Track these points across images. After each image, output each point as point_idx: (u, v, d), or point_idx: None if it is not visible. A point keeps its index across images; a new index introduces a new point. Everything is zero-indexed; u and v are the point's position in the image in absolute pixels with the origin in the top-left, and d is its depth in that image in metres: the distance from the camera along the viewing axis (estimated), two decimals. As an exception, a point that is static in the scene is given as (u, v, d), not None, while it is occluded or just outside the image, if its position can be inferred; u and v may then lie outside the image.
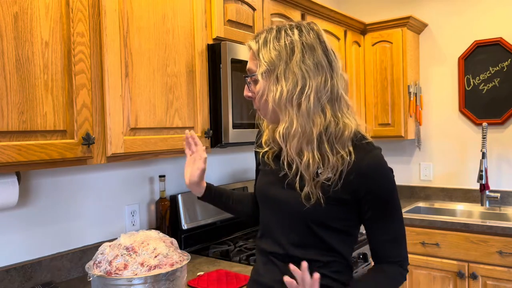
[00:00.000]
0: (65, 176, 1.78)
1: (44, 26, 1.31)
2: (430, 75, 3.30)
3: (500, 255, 2.46)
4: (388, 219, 1.15)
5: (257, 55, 1.14)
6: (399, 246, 1.17)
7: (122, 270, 1.25)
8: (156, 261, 1.28)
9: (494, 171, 3.05)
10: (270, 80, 1.12)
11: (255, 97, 1.18)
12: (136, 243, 1.32)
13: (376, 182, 1.12)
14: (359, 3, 3.56)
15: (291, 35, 1.12)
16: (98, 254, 1.33)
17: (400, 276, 1.17)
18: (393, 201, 1.16)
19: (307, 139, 1.10)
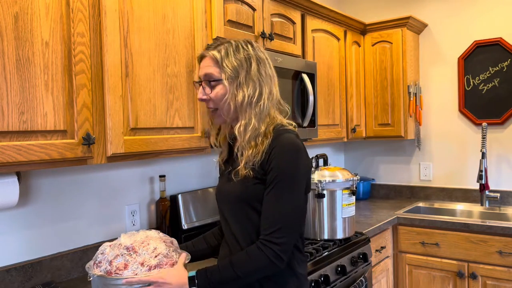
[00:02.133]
0: (65, 176, 1.78)
1: (45, 26, 1.31)
2: (430, 75, 3.30)
3: (500, 255, 2.47)
4: (273, 196, 1.26)
5: (220, 63, 1.32)
6: (271, 221, 1.24)
7: (122, 270, 1.25)
8: (156, 260, 1.27)
9: (494, 171, 3.06)
10: (233, 85, 1.32)
11: (209, 99, 1.36)
12: (136, 243, 1.32)
13: (275, 159, 1.27)
14: (359, 3, 3.56)
15: (247, 50, 1.34)
16: (98, 254, 1.32)
17: (257, 251, 1.23)
18: (286, 179, 1.26)
19: (257, 133, 1.31)
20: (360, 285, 2.17)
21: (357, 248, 2.22)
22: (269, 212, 1.25)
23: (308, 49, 2.57)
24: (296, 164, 1.27)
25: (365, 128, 3.24)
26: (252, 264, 1.23)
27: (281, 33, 2.33)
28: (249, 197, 1.31)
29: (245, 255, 1.24)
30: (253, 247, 1.25)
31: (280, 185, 1.25)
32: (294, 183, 1.26)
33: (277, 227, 1.23)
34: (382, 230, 2.64)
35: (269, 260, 1.22)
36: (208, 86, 1.35)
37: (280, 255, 1.22)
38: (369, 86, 3.22)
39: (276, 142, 1.29)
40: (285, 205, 1.25)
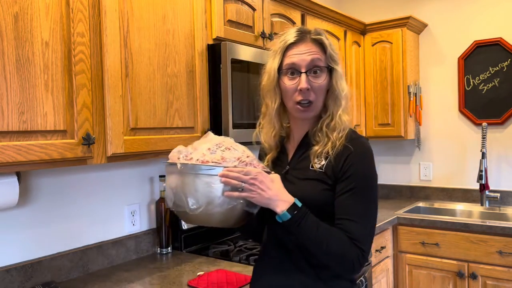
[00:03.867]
0: (65, 176, 1.78)
1: (44, 26, 1.31)
2: (430, 75, 3.30)
3: (500, 255, 2.47)
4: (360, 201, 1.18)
5: (328, 50, 1.23)
6: (359, 227, 1.17)
7: (220, 161, 1.17)
8: (249, 159, 1.20)
9: (494, 171, 3.05)
10: (337, 76, 1.24)
11: (311, 90, 1.23)
12: (226, 142, 1.24)
13: (353, 166, 1.19)
14: (359, 3, 3.56)
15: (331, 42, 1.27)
16: (182, 150, 1.23)
17: (349, 247, 1.14)
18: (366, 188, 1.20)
19: (341, 130, 1.24)
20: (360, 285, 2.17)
21: (357, 248, 2.22)
22: (357, 218, 1.16)
23: (308, 49, 2.57)
24: (373, 172, 1.22)
25: (365, 128, 3.24)
26: (343, 252, 1.14)
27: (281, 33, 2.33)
28: (317, 204, 1.20)
29: (344, 240, 1.15)
30: (348, 239, 1.15)
31: (363, 194, 1.18)
32: (375, 191, 1.21)
33: (365, 235, 1.18)
34: (382, 230, 2.63)
35: (352, 262, 1.15)
36: (311, 75, 1.22)
37: (360, 263, 1.16)
38: (369, 86, 3.22)
39: (352, 147, 1.20)
40: (370, 214, 1.19)
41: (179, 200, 1.19)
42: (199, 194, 1.16)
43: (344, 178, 1.19)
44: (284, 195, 1.17)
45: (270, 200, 1.15)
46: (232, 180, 1.14)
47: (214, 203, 1.16)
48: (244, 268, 1.81)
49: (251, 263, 1.88)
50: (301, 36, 1.24)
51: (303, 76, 1.21)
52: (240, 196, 1.15)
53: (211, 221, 1.21)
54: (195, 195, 1.17)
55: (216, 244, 2.20)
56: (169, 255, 2.04)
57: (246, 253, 2.01)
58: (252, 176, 1.14)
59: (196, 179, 1.16)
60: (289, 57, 1.24)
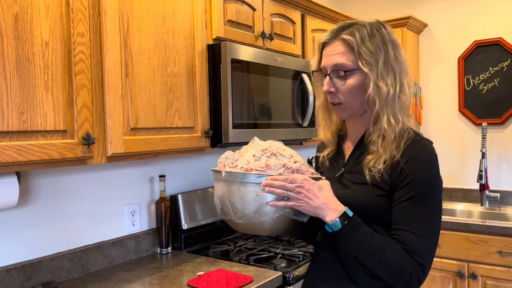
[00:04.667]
0: (65, 176, 1.78)
1: (44, 26, 1.31)
2: (430, 75, 3.30)
3: (500, 255, 2.47)
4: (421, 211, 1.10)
5: (357, 49, 1.14)
6: (419, 240, 1.09)
7: (264, 168, 1.14)
8: (296, 166, 1.17)
9: (494, 171, 3.05)
10: (374, 75, 1.13)
11: (336, 92, 1.18)
12: (272, 148, 1.21)
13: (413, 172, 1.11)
14: (359, 3, 3.56)
15: (381, 32, 1.17)
16: (229, 157, 1.22)
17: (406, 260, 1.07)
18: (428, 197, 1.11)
19: (402, 132, 1.14)
20: None
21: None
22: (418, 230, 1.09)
23: (308, 49, 2.57)
24: (437, 178, 1.13)
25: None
26: (399, 265, 1.08)
27: (281, 33, 2.33)
28: (371, 211, 1.14)
29: (399, 251, 1.08)
30: (405, 252, 1.08)
31: (424, 203, 1.10)
32: (438, 200, 1.12)
33: (426, 249, 1.09)
34: (382, 230, 2.63)
35: (409, 275, 1.08)
36: (337, 77, 1.17)
37: (419, 279, 1.09)
38: (369, 86, 3.21)
39: (413, 151, 1.12)
40: (433, 225, 1.11)
41: (226, 208, 1.18)
42: (244, 203, 1.14)
43: (403, 185, 1.10)
44: (334, 203, 1.11)
45: (319, 209, 1.10)
46: (277, 189, 1.10)
47: (260, 213, 1.14)
48: (244, 268, 1.81)
49: (251, 263, 1.88)
50: (334, 35, 1.19)
51: (327, 78, 1.19)
52: (286, 205, 1.12)
53: (259, 229, 1.19)
54: (240, 203, 1.15)
55: (216, 244, 2.20)
56: (169, 255, 2.04)
57: (246, 253, 2.01)
58: (298, 184, 1.10)
59: (241, 188, 1.14)
60: (323, 58, 1.22)
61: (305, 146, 2.60)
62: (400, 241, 1.09)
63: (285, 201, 1.11)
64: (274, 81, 2.14)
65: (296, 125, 2.31)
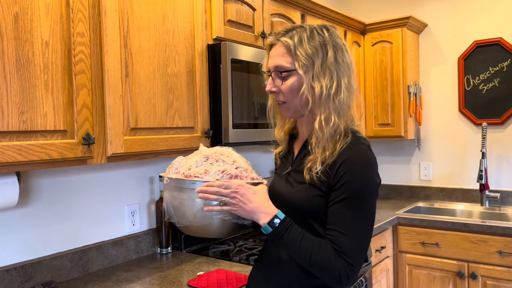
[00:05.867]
0: (65, 176, 1.78)
1: (44, 26, 1.31)
2: (430, 75, 3.30)
3: (500, 255, 2.47)
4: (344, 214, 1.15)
5: (293, 51, 1.19)
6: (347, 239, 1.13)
7: (202, 175, 1.18)
8: (237, 171, 1.21)
9: (494, 171, 3.06)
10: (309, 76, 1.18)
11: (279, 92, 1.24)
12: (216, 154, 1.26)
13: (346, 176, 1.15)
14: (359, 3, 3.56)
15: (322, 35, 1.21)
16: (175, 163, 1.26)
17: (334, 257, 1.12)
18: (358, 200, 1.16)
19: (338, 130, 1.19)
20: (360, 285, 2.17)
21: (357, 248, 2.22)
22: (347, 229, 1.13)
23: (308, 49, 2.57)
24: (370, 181, 1.16)
25: (365, 128, 3.24)
26: (328, 264, 1.13)
27: (281, 33, 2.33)
28: (308, 210, 1.20)
29: (328, 252, 1.13)
30: (335, 252, 1.13)
31: (355, 203, 1.14)
32: (369, 202, 1.16)
33: (353, 248, 1.13)
34: (382, 230, 2.63)
35: (338, 274, 1.13)
36: (278, 78, 1.22)
37: (348, 277, 1.13)
38: (369, 86, 3.22)
39: (348, 154, 1.16)
40: (361, 226, 1.15)
41: (170, 212, 1.25)
42: (184, 208, 1.21)
43: (337, 187, 1.15)
44: (267, 207, 1.17)
45: (252, 213, 1.17)
46: (210, 195, 1.17)
47: (199, 217, 1.19)
48: (244, 268, 1.81)
49: (251, 263, 1.88)
50: (277, 38, 1.24)
51: (269, 79, 1.25)
52: (222, 210, 1.17)
53: (205, 233, 1.25)
54: (181, 209, 1.21)
55: (216, 244, 2.20)
56: (169, 255, 2.04)
57: (246, 253, 2.01)
58: (233, 190, 1.16)
59: (180, 194, 1.21)
60: (268, 59, 1.28)
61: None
62: (332, 241, 1.14)
63: (220, 206, 1.17)
64: (274, 81, 2.14)
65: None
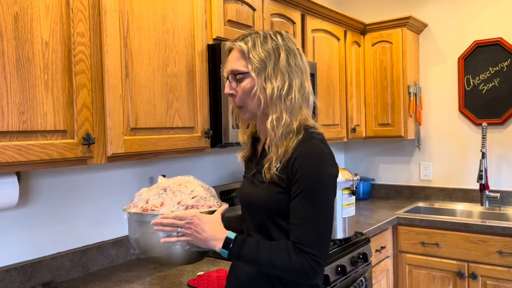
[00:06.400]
0: (65, 176, 1.78)
1: (44, 26, 1.31)
2: (430, 75, 3.30)
3: (500, 255, 2.47)
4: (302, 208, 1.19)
5: (247, 55, 1.25)
6: (305, 232, 1.17)
7: (158, 208, 1.23)
8: (193, 201, 1.25)
9: (494, 171, 3.06)
10: (261, 78, 1.24)
11: (236, 95, 1.29)
12: (174, 185, 1.30)
13: (300, 170, 1.19)
14: (359, 3, 3.56)
15: (276, 40, 1.27)
16: (136, 196, 1.31)
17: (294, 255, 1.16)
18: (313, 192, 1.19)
19: (289, 129, 1.23)
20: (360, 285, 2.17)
21: (357, 248, 2.22)
22: (304, 223, 1.18)
23: (308, 49, 2.57)
24: (322, 173, 1.20)
25: (365, 128, 3.24)
26: (288, 264, 1.16)
27: (281, 33, 2.33)
28: (272, 208, 1.24)
29: (286, 252, 1.17)
30: (292, 248, 1.17)
31: (310, 197, 1.18)
32: (323, 194, 1.20)
33: (313, 240, 1.17)
34: (382, 230, 2.64)
35: (303, 269, 1.16)
36: (234, 81, 1.28)
37: (315, 269, 1.17)
38: (369, 86, 3.22)
39: (301, 149, 1.21)
40: (318, 217, 1.18)
41: (132, 245, 1.30)
42: (144, 240, 1.25)
43: (294, 182, 1.19)
44: (218, 233, 1.22)
45: (207, 241, 1.22)
46: (165, 227, 1.22)
47: (158, 248, 1.23)
48: (244, 268, 1.81)
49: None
50: (234, 43, 1.30)
51: (227, 82, 1.31)
52: (179, 240, 1.22)
53: (169, 262, 1.30)
54: (141, 241, 1.26)
55: (216, 244, 2.19)
56: (169, 255, 2.04)
57: (246, 253, 2.01)
58: (187, 221, 1.21)
59: (140, 227, 1.25)
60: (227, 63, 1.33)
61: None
62: (293, 235, 1.19)
63: (177, 236, 1.22)
64: (274, 81, 2.14)
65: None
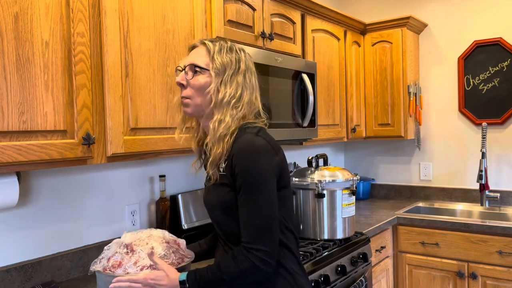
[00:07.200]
0: (65, 176, 1.78)
1: (45, 26, 1.31)
2: (430, 75, 3.30)
3: (500, 255, 2.47)
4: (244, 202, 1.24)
5: (212, 54, 1.31)
6: (248, 228, 1.22)
7: (116, 268, 1.26)
8: (150, 261, 1.27)
9: (494, 171, 3.06)
10: (218, 80, 1.30)
11: (186, 86, 1.33)
12: (136, 241, 1.32)
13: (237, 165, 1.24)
14: (359, 3, 3.56)
15: (239, 54, 1.35)
16: (105, 250, 1.33)
17: (242, 257, 1.20)
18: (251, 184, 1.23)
19: (228, 132, 1.28)
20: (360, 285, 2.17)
21: (357, 248, 2.22)
22: (245, 219, 1.23)
23: (308, 49, 2.57)
24: (257, 165, 1.23)
25: (365, 128, 3.24)
26: (239, 269, 1.21)
27: (281, 33, 2.33)
28: (225, 206, 1.29)
29: (232, 260, 1.23)
30: (239, 251, 1.23)
31: (248, 191, 1.22)
32: (261, 186, 1.23)
33: (256, 234, 1.21)
34: (382, 230, 2.64)
35: (255, 266, 1.20)
36: (191, 71, 1.32)
37: (266, 260, 1.21)
38: (369, 86, 3.22)
39: (235, 146, 1.25)
40: (257, 211, 1.22)
41: None
42: None
43: (236, 181, 1.24)
44: (174, 282, 1.24)
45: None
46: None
47: None
48: (244, 268, 1.81)
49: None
50: (201, 42, 1.35)
51: (182, 72, 1.35)
52: None
53: None
54: None
55: (216, 244, 2.20)
56: (169, 255, 2.04)
57: (246, 253, 2.01)
58: (141, 282, 1.22)
59: (102, 284, 1.28)
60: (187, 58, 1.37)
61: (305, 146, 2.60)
62: (241, 235, 1.24)
63: None
64: (274, 81, 2.14)
65: (296, 125, 2.31)
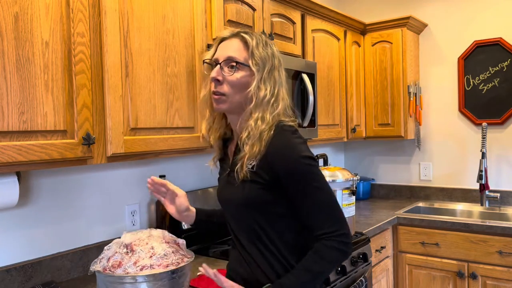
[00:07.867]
0: (65, 176, 1.78)
1: (45, 26, 1.31)
2: (430, 75, 3.30)
3: (500, 255, 2.47)
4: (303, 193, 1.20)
5: (251, 49, 1.24)
6: (319, 218, 1.20)
7: (116, 268, 1.26)
8: (150, 261, 1.27)
9: (494, 171, 3.06)
10: (258, 77, 1.23)
11: (223, 82, 1.25)
12: (136, 241, 1.32)
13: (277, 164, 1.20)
14: (359, 3, 3.56)
15: (272, 48, 1.30)
16: (105, 250, 1.33)
17: (326, 249, 1.18)
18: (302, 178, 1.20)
19: (267, 128, 1.23)
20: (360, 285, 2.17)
21: (357, 248, 2.22)
22: (313, 210, 1.20)
23: (308, 49, 2.57)
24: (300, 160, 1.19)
25: (365, 128, 3.24)
26: (328, 261, 1.20)
27: (281, 33, 2.33)
28: (250, 202, 1.25)
29: (318, 257, 1.19)
30: (321, 247, 1.19)
31: (303, 182, 1.19)
32: (312, 178, 1.20)
33: (332, 220, 1.20)
34: (382, 230, 2.64)
35: (339, 251, 1.19)
36: (228, 67, 1.25)
37: (348, 242, 1.20)
38: (369, 86, 3.22)
39: (273, 144, 1.21)
40: (323, 196, 1.20)
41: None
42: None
43: (280, 181, 1.20)
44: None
45: None
46: None
47: None
48: (244, 268, 1.81)
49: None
50: (234, 34, 1.29)
51: (217, 67, 1.27)
52: None
53: None
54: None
55: (216, 244, 2.20)
56: (169, 255, 2.04)
57: (246, 253, 2.01)
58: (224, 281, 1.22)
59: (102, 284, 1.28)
60: (218, 50, 1.30)
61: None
62: (314, 229, 1.21)
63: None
64: (274, 81, 2.13)
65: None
